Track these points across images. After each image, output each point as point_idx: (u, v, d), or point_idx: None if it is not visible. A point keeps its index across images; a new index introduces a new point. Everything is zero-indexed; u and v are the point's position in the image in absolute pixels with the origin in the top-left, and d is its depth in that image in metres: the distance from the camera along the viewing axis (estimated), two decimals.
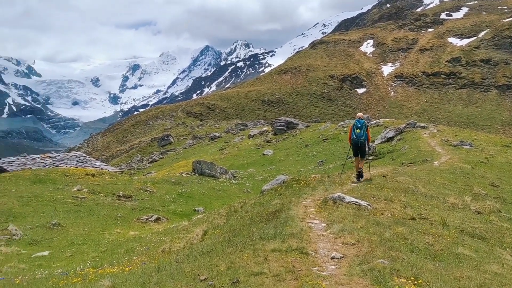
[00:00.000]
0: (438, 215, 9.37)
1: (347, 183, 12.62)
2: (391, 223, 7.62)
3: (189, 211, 17.87)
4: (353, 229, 6.75)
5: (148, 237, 11.83)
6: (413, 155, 24.07)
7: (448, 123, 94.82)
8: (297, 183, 11.60)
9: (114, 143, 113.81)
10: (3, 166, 32.76)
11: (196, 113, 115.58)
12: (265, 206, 9.37)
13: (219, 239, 7.09)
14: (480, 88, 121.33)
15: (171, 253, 7.89)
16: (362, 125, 13.68)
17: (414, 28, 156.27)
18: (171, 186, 22.99)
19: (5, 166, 33.54)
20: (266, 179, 26.80)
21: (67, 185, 20.29)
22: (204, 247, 6.72)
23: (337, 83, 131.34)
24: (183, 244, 8.38)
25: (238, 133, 65.76)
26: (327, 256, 5.69)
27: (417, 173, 15.85)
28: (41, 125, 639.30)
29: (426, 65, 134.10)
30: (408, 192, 11.53)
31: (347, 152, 33.49)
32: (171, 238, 10.27)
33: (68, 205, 16.31)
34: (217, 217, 10.40)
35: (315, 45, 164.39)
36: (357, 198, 9.21)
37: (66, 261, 10.12)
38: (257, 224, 7.57)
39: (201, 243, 7.68)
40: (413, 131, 33.24)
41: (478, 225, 9.33)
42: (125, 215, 16.19)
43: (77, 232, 13.41)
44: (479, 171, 19.37)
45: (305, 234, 6.57)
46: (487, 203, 12.53)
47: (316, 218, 7.85)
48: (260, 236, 6.38)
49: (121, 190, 19.98)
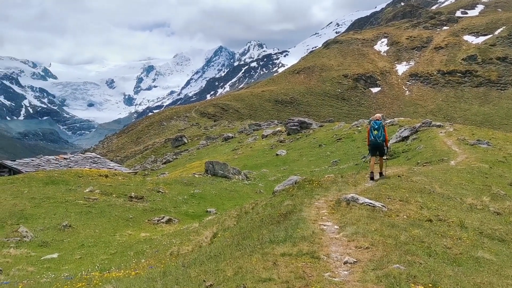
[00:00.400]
0: (456, 217, 9.02)
1: (361, 183, 12.31)
2: (406, 225, 7.32)
3: (201, 212, 17.71)
4: (367, 231, 6.46)
5: (158, 239, 11.69)
6: (429, 155, 23.59)
7: (464, 122, 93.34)
8: (309, 184, 11.34)
9: (129, 144, 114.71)
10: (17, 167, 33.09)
11: (209, 114, 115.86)
12: (276, 207, 9.13)
13: (228, 242, 6.88)
14: (496, 86, 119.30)
15: (179, 256, 7.72)
16: (379, 126, 13.83)
17: (428, 26, 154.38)
18: (183, 187, 22.89)
19: (20, 167, 33.88)
20: (279, 180, 26.54)
21: (80, 186, 20.31)
22: (212, 250, 6.52)
23: (351, 82, 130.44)
24: (192, 247, 8.20)
25: (251, 133, 65.61)
26: (339, 260, 5.42)
27: (433, 173, 15.45)
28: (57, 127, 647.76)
29: (441, 63, 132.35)
30: (424, 192, 11.19)
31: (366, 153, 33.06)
32: (180, 240, 10.10)
33: (80, 207, 16.29)
34: (228, 219, 10.20)
35: (329, 44, 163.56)
36: (371, 199, 8.91)
37: (75, 264, 10.02)
38: (268, 227, 7.34)
39: (209, 246, 7.48)
40: (429, 130, 32.66)
41: (498, 226, 8.96)
42: (136, 216, 16.10)
43: (88, 233, 13.34)
44: (497, 170, 18.86)
45: (317, 237, 6.31)
46: (507, 204, 12.10)
47: (329, 220, 7.58)
48: (270, 239, 6.14)
49: (133, 191, 19.92)
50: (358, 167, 29.16)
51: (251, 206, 10.70)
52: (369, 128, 14.20)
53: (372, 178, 13.39)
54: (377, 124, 13.91)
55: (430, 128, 33.74)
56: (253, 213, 9.59)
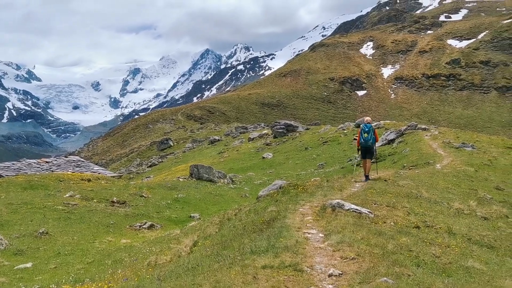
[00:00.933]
0: (444, 222, 8.81)
1: (347, 187, 12.06)
2: (394, 232, 7.06)
3: (185, 217, 17.27)
4: (353, 240, 6.18)
5: (138, 246, 11.25)
6: (415, 158, 23.52)
7: (448, 125, 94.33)
8: (294, 189, 11.04)
9: (114, 147, 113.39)
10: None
11: (196, 117, 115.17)
12: (260, 214, 8.81)
13: (208, 252, 6.53)
14: (479, 90, 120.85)
15: (156, 267, 7.34)
16: (370, 129, 14.41)
17: (413, 31, 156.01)
18: (167, 191, 22.40)
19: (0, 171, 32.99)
20: (265, 183, 26.22)
21: (59, 191, 19.71)
22: (190, 261, 6.16)
23: (337, 85, 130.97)
24: (170, 257, 7.83)
25: (238, 136, 65.18)
26: (324, 273, 5.12)
27: (419, 177, 15.31)
28: (41, 130, 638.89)
29: (426, 67, 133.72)
30: (411, 197, 10.98)
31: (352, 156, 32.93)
32: (160, 248, 9.70)
33: (58, 212, 15.73)
34: (210, 226, 9.85)
35: (315, 47, 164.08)
36: (358, 205, 8.65)
37: (49, 274, 9.55)
38: (250, 235, 7.01)
39: (188, 256, 7.12)
40: (414, 133, 32.71)
41: (486, 232, 8.78)
42: (117, 222, 15.60)
43: (65, 241, 12.82)
44: (483, 173, 18.84)
45: (301, 246, 6.00)
46: (494, 208, 11.97)
47: (313, 228, 7.28)
48: (251, 250, 5.82)
49: (115, 196, 19.40)
50: (344, 170, 29.04)
51: (234, 212, 10.36)
52: (359, 131, 14.69)
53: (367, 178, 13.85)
54: (367, 127, 14.43)
55: (416, 131, 33.81)
56: (236, 219, 9.26)
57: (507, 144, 31.10)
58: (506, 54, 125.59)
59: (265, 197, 11.03)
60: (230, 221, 9.38)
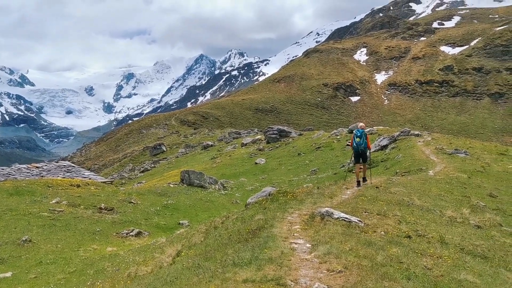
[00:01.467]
0: (436, 231, 8.56)
1: (338, 195, 11.79)
2: (384, 242, 6.79)
3: (173, 224, 16.92)
4: (341, 252, 5.90)
5: (122, 255, 10.90)
6: (408, 164, 23.33)
7: (441, 131, 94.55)
8: (283, 196, 10.76)
9: (107, 152, 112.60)
10: None
11: (190, 122, 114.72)
12: (247, 222, 8.52)
13: (189, 263, 6.22)
14: (472, 96, 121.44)
15: (135, 279, 7.03)
16: (362, 134, 14.94)
17: (406, 37, 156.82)
18: (157, 197, 22.05)
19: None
20: (257, 189, 25.92)
21: (46, 197, 19.28)
22: (170, 274, 5.86)
23: (331, 91, 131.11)
24: (151, 268, 7.50)
25: (231, 141, 64.89)
26: (308, 287, 4.84)
27: (411, 184, 15.09)
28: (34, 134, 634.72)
29: (419, 73, 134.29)
30: (402, 205, 10.73)
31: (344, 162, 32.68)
32: (144, 258, 9.37)
33: (43, 219, 15.33)
34: (196, 234, 9.54)
35: (309, 53, 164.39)
36: (347, 213, 8.38)
37: (28, 284, 9.19)
38: (234, 245, 6.72)
39: (169, 268, 6.80)
40: (407, 139, 32.57)
41: (480, 242, 8.54)
42: (104, 229, 15.23)
43: (49, 249, 12.43)
44: (476, 180, 18.66)
45: (286, 258, 5.71)
46: (487, 216, 11.76)
47: (301, 237, 7.00)
48: (233, 262, 5.52)
49: (103, 202, 19.01)
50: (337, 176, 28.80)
51: (221, 220, 10.06)
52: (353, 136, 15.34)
53: (359, 184, 14.32)
54: (359, 132, 14.99)
55: (409, 137, 33.67)
56: (222, 228, 8.96)
57: (500, 151, 31.03)
58: (499, 61, 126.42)
59: (254, 205, 10.74)
60: (216, 230, 9.08)
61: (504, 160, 26.29)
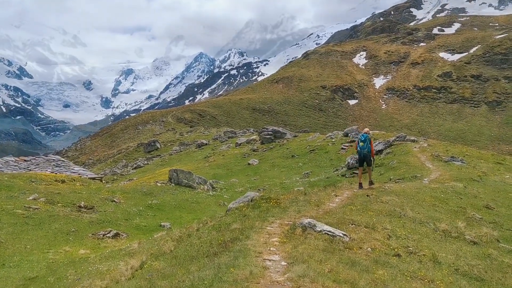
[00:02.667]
0: (428, 248, 7.82)
1: (325, 202, 11.03)
2: (370, 262, 6.05)
3: (154, 226, 16.10)
4: (318, 274, 5.13)
5: (91, 261, 10.10)
6: (402, 171, 22.63)
7: (438, 137, 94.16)
8: (266, 202, 9.99)
9: (103, 147, 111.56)
10: None
11: (186, 120, 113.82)
12: (222, 231, 7.76)
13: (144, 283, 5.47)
14: (470, 104, 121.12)
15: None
16: (366, 139, 15.41)
17: (406, 42, 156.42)
18: (142, 196, 21.23)
19: None
20: (247, 191, 25.14)
21: (24, 193, 18.43)
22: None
23: (329, 93, 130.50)
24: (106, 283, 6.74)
25: (226, 141, 64.11)
26: None
27: (405, 192, 14.35)
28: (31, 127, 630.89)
29: (418, 78, 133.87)
30: (394, 216, 9.99)
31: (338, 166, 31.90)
32: (108, 266, 8.60)
33: (16, 217, 14.49)
34: (169, 241, 8.78)
35: (308, 55, 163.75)
36: (332, 226, 7.62)
37: None
38: (201, 260, 5.97)
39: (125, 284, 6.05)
40: (403, 145, 31.90)
41: (476, 261, 7.80)
42: (80, 229, 14.41)
43: (16, 250, 11.62)
44: (472, 190, 17.94)
45: (254, 280, 4.94)
46: (484, 230, 11.02)
47: (277, 253, 6.24)
48: (192, 283, 4.77)
49: (83, 200, 18.17)
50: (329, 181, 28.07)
51: (196, 227, 9.30)
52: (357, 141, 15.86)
53: (361, 187, 14.89)
54: (363, 137, 15.45)
55: (404, 142, 33.01)
56: (196, 236, 8.20)
57: (497, 160, 30.39)
58: (498, 69, 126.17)
59: (234, 211, 9.98)
60: (189, 238, 8.31)
61: (501, 170, 25.63)
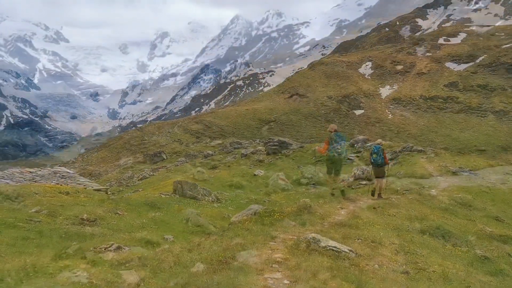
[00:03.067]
0: (438, 264, 7.52)
1: (331, 215, 10.76)
2: (376, 281, 5.78)
3: (158, 239, 15.79)
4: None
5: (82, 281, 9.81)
6: (409, 182, 22.28)
7: (445, 147, 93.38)
8: (269, 216, 9.75)
9: (109, 158, 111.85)
10: None
11: (193, 130, 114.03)
12: (223, 246, 7.52)
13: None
14: (477, 113, 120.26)
15: None
16: (379, 150, 15.79)
17: (412, 52, 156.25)
18: (146, 208, 20.99)
19: None
20: (252, 202, 24.87)
21: (26, 205, 18.28)
22: None
23: (335, 104, 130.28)
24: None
25: (231, 151, 64.11)
26: None
27: (412, 204, 14.04)
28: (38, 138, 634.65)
29: (424, 88, 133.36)
30: (401, 230, 9.70)
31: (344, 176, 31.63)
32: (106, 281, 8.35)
33: (17, 230, 14.27)
34: (170, 256, 8.55)
35: (314, 66, 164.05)
36: (337, 241, 7.35)
37: None
38: (200, 278, 5.72)
39: None
40: (410, 155, 31.57)
41: (487, 278, 7.49)
42: (81, 242, 14.18)
43: (14, 265, 11.34)
44: (481, 202, 17.58)
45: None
46: (494, 244, 10.70)
47: (280, 270, 5.99)
48: None
49: (86, 213, 17.93)
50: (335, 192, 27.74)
51: (197, 242, 9.06)
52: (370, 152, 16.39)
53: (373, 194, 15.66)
54: (376, 148, 15.86)
55: (411, 153, 32.69)
56: (197, 251, 7.96)
57: (506, 170, 29.93)
58: (504, 79, 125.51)
59: (236, 225, 9.74)
60: (190, 253, 8.07)
61: (510, 180, 25.19)
